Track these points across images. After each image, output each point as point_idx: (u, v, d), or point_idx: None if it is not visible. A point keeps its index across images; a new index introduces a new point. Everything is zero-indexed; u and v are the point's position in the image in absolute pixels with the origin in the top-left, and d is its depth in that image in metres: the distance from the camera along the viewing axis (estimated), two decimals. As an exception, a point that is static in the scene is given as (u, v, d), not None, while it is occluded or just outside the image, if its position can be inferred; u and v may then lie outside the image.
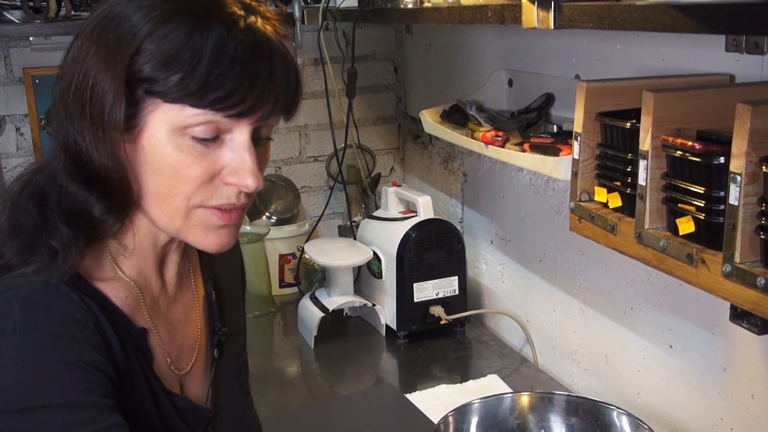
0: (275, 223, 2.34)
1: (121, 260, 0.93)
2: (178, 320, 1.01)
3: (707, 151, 0.99)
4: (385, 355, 1.95)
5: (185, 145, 0.84)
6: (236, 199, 0.88)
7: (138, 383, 0.91)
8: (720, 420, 1.35)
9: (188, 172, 0.85)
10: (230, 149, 0.86)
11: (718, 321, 1.32)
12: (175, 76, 0.81)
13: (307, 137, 2.49)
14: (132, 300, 0.93)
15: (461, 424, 1.24)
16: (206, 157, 0.85)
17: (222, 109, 0.82)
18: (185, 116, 0.82)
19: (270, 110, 0.85)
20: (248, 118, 0.85)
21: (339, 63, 2.32)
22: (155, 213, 0.88)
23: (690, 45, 1.30)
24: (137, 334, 0.92)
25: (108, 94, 0.82)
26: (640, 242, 1.11)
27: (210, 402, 1.03)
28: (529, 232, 1.89)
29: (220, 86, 0.81)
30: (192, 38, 0.81)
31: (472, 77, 2.04)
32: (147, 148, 0.84)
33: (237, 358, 1.10)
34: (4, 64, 2.15)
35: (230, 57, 0.81)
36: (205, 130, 0.83)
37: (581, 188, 1.26)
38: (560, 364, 1.81)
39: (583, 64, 1.60)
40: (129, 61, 0.81)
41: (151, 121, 0.83)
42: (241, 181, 0.86)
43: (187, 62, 0.80)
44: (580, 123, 1.23)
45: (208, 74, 0.80)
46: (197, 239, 0.90)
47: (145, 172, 0.86)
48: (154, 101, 0.83)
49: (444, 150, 2.28)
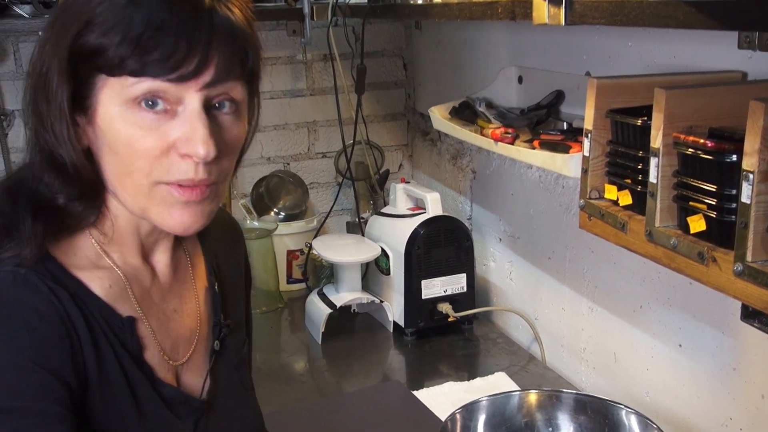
0: (283, 219, 2.34)
1: (106, 248, 0.93)
2: (173, 311, 1.01)
3: (719, 148, 0.98)
4: (392, 351, 1.95)
5: (135, 118, 0.83)
6: (194, 174, 0.85)
7: (112, 377, 0.90)
8: (729, 420, 1.35)
9: (140, 146, 0.84)
10: (181, 119, 0.84)
11: (729, 320, 1.31)
12: (111, 46, 0.81)
13: (315, 133, 2.48)
14: (117, 289, 0.92)
15: (469, 422, 1.23)
16: (158, 130, 0.84)
17: (160, 73, 0.81)
18: (128, 85, 0.82)
19: (216, 75, 0.84)
20: (193, 83, 0.83)
21: (348, 59, 2.31)
22: (120, 194, 0.89)
23: (702, 42, 1.29)
24: (122, 323, 0.92)
25: (53, 75, 0.84)
26: (651, 240, 1.11)
27: (206, 394, 1.02)
28: (538, 230, 1.88)
29: (154, 48, 0.80)
30: (129, 5, 0.81)
31: (481, 74, 2.04)
32: (102, 127, 0.85)
33: (237, 352, 1.10)
34: (13, 58, 2.15)
35: (163, 18, 0.81)
36: (150, 97, 0.83)
37: (591, 186, 1.25)
38: (568, 363, 1.80)
39: (593, 60, 1.59)
40: (72, 40, 0.83)
41: (101, 98, 0.84)
42: (193, 150, 0.84)
43: (121, 29, 0.81)
44: (590, 120, 1.23)
45: (139, 37, 0.80)
46: (161, 218, 0.89)
47: (105, 153, 0.87)
48: (100, 77, 0.83)
49: (453, 147, 2.28)
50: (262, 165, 2.43)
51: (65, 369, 0.84)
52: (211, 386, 1.03)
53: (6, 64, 2.15)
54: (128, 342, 0.92)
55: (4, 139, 2.15)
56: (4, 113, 2.15)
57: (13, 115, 2.17)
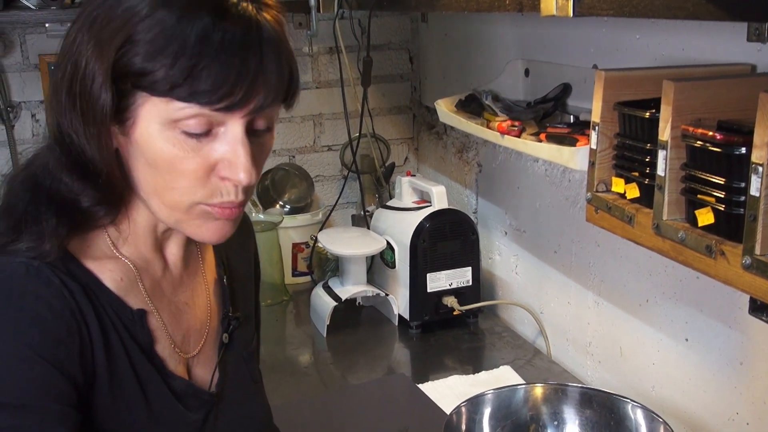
0: (289, 212, 2.34)
1: (119, 242, 0.93)
2: (184, 303, 1.00)
3: (728, 141, 0.97)
4: (397, 345, 1.95)
5: (177, 139, 0.83)
6: (234, 197, 0.87)
7: (121, 370, 0.90)
8: (736, 414, 1.34)
9: (182, 167, 0.84)
10: (223, 143, 0.84)
11: (736, 314, 1.31)
12: (160, 69, 0.79)
13: (321, 126, 2.48)
14: (128, 282, 0.92)
15: (474, 415, 1.23)
16: (199, 152, 0.84)
17: (209, 102, 0.80)
18: (173, 110, 0.81)
19: (262, 102, 0.83)
20: (239, 111, 0.83)
21: (354, 52, 2.31)
22: (155, 204, 0.88)
23: (711, 34, 1.28)
24: (132, 316, 0.92)
25: (97, 87, 0.82)
26: (658, 233, 1.10)
27: (215, 386, 1.02)
28: (544, 224, 1.87)
29: (204, 79, 0.79)
30: (178, 29, 0.79)
31: (488, 67, 2.03)
32: (140, 141, 0.84)
33: (246, 345, 1.10)
34: (20, 50, 2.15)
35: (215, 47, 0.79)
36: (195, 125, 0.82)
37: (598, 179, 1.25)
38: (574, 356, 1.80)
39: (601, 53, 1.58)
40: (117, 55, 0.81)
41: (142, 114, 0.83)
42: (234, 177, 0.85)
43: (172, 54, 0.79)
44: (598, 112, 1.22)
45: (193, 67, 0.79)
46: (196, 231, 0.90)
47: (141, 165, 0.86)
48: (142, 95, 0.82)
49: (459, 140, 2.27)
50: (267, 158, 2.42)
51: (72, 364, 0.84)
52: (220, 379, 1.03)
53: (12, 56, 2.15)
54: (139, 335, 0.92)
55: (10, 131, 2.15)
56: (10, 105, 2.15)
57: (19, 107, 2.17)
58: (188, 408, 0.97)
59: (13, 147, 2.16)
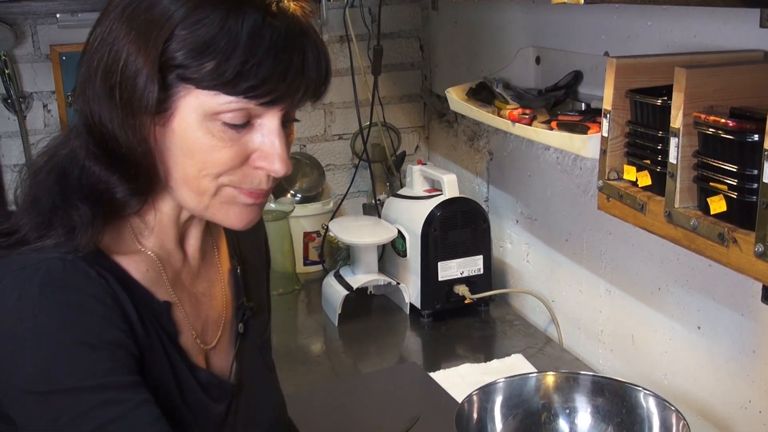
0: (300, 200, 2.34)
1: (142, 234, 0.93)
2: (202, 294, 1.01)
3: (741, 128, 0.97)
4: (408, 333, 1.95)
5: (216, 129, 0.84)
6: (266, 184, 0.89)
7: (158, 357, 0.91)
8: (748, 402, 1.34)
9: (219, 156, 0.85)
10: (260, 134, 0.86)
11: (748, 302, 1.30)
12: (209, 63, 0.80)
13: (332, 115, 2.48)
14: (153, 274, 0.93)
15: (486, 403, 1.23)
16: (237, 142, 0.85)
17: (255, 97, 0.82)
18: (218, 103, 0.82)
19: (301, 96, 0.86)
20: (280, 105, 0.85)
21: (364, 41, 2.30)
22: (183, 193, 0.89)
23: (723, 20, 1.27)
24: (159, 307, 0.93)
25: (140, 78, 0.82)
26: (670, 221, 1.10)
27: (234, 376, 1.03)
28: (555, 212, 1.87)
29: (254, 75, 0.81)
30: (227, 25, 0.80)
31: (498, 55, 2.02)
32: (177, 132, 0.85)
33: (261, 334, 1.10)
34: (31, 41, 2.16)
35: (265, 45, 0.81)
36: (236, 116, 0.84)
37: (610, 166, 1.24)
38: (585, 345, 1.80)
39: (612, 40, 1.57)
40: (162, 47, 0.81)
41: (182, 105, 0.83)
42: (271, 167, 0.87)
43: (222, 50, 0.80)
44: (609, 100, 1.21)
45: (244, 63, 0.80)
46: (223, 216, 0.91)
47: (175, 155, 0.86)
48: (186, 87, 0.82)
49: (469, 128, 2.27)
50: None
51: (129, 341, 0.86)
52: (237, 369, 1.04)
53: (24, 46, 2.15)
54: (166, 326, 0.93)
55: (22, 121, 2.16)
56: (22, 95, 2.16)
57: (31, 98, 2.18)
58: (213, 399, 0.98)
59: (25, 137, 2.17)
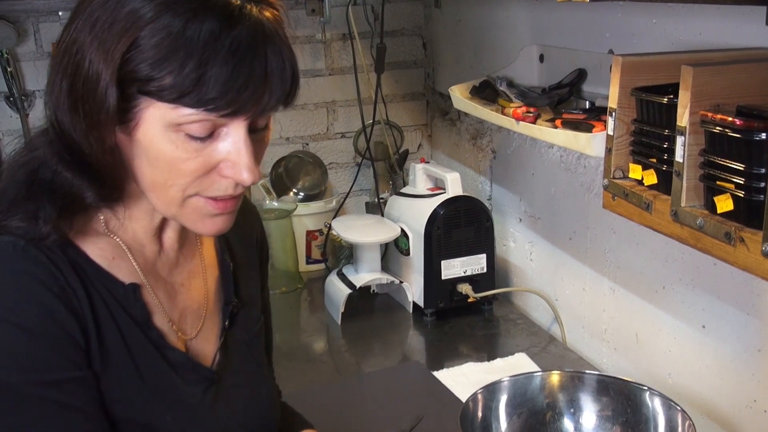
0: (302, 199, 2.34)
1: (111, 223, 0.94)
2: (180, 284, 1.01)
3: (748, 126, 0.96)
4: (412, 332, 1.95)
5: (180, 140, 0.83)
6: (233, 191, 0.88)
7: (109, 341, 0.90)
8: (753, 402, 1.33)
9: (184, 167, 0.85)
10: (226, 143, 0.85)
11: (753, 301, 1.30)
12: (167, 76, 0.79)
13: (334, 113, 2.47)
14: (119, 261, 0.94)
15: (490, 402, 1.23)
16: (201, 152, 0.85)
17: (216, 109, 0.81)
18: (179, 115, 0.82)
19: (266, 104, 0.84)
20: (243, 115, 0.84)
21: (367, 38, 2.30)
22: (152, 199, 0.90)
23: (729, 18, 1.26)
24: (124, 290, 0.93)
25: (102, 90, 0.82)
26: (676, 220, 1.09)
27: (216, 366, 1.03)
28: (559, 210, 1.87)
29: (212, 86, 0.80)
30: (185, 35, 0.79)
31: (502, 53, 2.02)
32: (143, 142, 0.85)
33: (249, 329, 1.10)
34: (33, 39, 2.15)
35: (223, 55, 0.79)
36: (199, 128, 0.83)
37: (615, 165, 1.24)
38: (589, 343, 1.79)
39: (616, 38, 1.56)
40: (122, 59, 0.80)
41: (145, 117, 0.83)
42: (238, 176, 0.86)
43: (180, 62, 0.79)
44: (615, 98, 1.21)
45: (201, 75, 0.79)
46: (192, 225, 0.91)
47: (141, 164, 0.87)
48: (147, 99, 0.82)
49: (473, 127, 2.26)
50: (281, 145, 2.42)
51: (74, 332, 0.86)
52: (221, 360, 1.03)
53: (26, 44, 2.15)
54: (132, 308, 0.93)
55: (25, 119, 2.16)
56: (24, 94, 2.16)
57: (33, 96, 2.17)
58: (186, 380, 0.97)
59: (27, 135, 2.16)
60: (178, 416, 0.95)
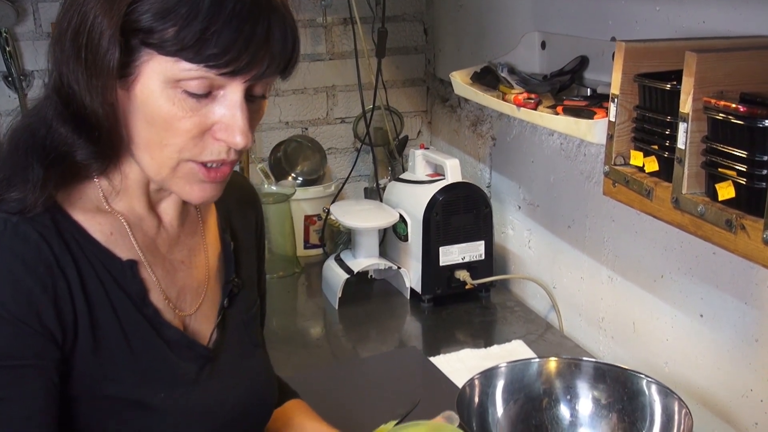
0: (301, 184, 2.33)
1: (111, 196, 0.94)
2: (180, 262, 1.01)
3: (751, 113, 0.96)
4: (409, 318, 1.95)
5: (177, 98, 0.84)
6: (226, 155, 0.89)
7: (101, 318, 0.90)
8: (750, 391, 1.33)
9: (179, 125, 0.86)
10: (222, 105, 0.86)
11: (752, 290, 1.30)
12: (171, 29, 0.81)
13: (334, 98, 2.46)
14: (118, 236, 0.94)
15: (487, 388, 1.23)
16: (197, 112, 0.86)
17: (216, 66, 0.82)
18: (179, 70, 0.83)
19: (264, 70, 0.85)
20: (242, 77, 0.85)
21: (369, 23, 2.28)
22: (145, 160, 0.90)
23: (733, 5, 1.26)
24: (122, 266, 0.93)
25: (104, 40, 0.82)
26: (677, 207, 1.09)
27: (213, 344, 1.03)
28: (558, 198, 1.86)
29: (215, 43, 0.81)
30: None
31: (503, 39, 2.00)
32: (140, 97, 0.85)
33: (247, 310, 1.10)
34: (33, 18, 2.14)
35: (227, 13, 0.81)
36: (197, 86, 0.84)
37: (616, 152, 1.23)
38: (586, 331, 1.79)
39: (619, 25, 1.56)
40: (127, 9, 0.81)
41: (145, 71, 0.84)
42: (231, 139, 0.87)
43: (184, 16, 0.80)
44: (617, 84, 1.20)
45: (204, 30, 0.80)
46: (181, 190, 0.91)
47: (137, 120, 0.87)
48: (149, 52, 0.83)
49: (473, 113, 2.25)
50: (280, 129, 2.41)
51: (48, 319, 0.86)
52: (218, 339, 1.03)
53: (25, 24, 2.13)
54: (129, 285, 0.93)
55: (23, 99, 2.15)
56: (23, 73, 2.15)
57: (32, 75, 2.16)
58: (181, 358, 0.97)
59: (25, 116, 2.16)
60: (172, 393, 0.95)
